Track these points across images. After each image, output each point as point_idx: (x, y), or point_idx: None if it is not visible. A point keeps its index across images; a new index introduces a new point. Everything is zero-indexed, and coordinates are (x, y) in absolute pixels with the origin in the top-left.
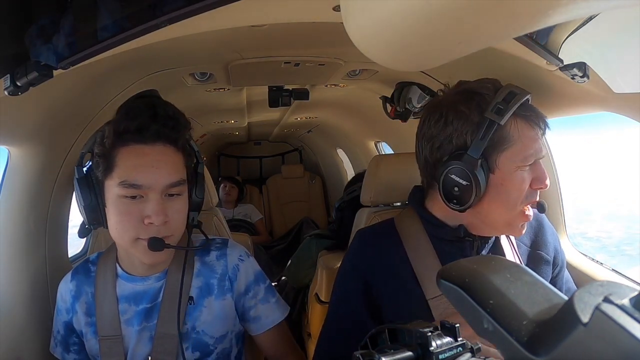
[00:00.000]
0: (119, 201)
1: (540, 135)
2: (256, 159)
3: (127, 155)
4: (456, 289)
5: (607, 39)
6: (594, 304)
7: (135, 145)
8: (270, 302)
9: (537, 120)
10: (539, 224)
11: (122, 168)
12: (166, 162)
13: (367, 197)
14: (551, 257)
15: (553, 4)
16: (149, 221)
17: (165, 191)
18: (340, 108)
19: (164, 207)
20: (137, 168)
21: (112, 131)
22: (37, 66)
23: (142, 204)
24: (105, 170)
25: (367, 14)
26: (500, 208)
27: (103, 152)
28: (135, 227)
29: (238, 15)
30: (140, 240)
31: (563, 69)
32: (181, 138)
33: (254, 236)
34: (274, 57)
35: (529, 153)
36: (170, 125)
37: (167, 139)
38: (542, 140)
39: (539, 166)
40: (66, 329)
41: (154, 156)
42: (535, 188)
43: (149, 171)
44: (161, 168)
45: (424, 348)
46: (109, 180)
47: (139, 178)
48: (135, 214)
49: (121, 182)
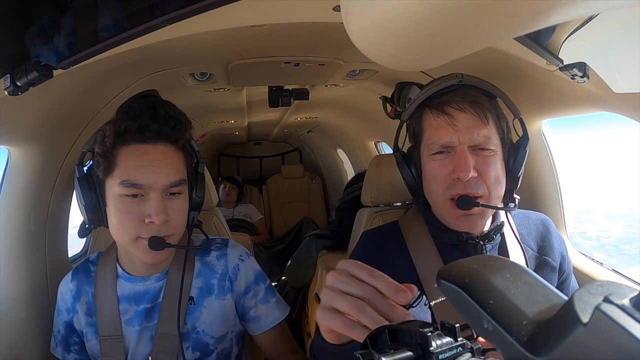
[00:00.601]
0: (119, 200)
1: (451, 122)
2: (256, 159)
3: (128, 155)
4: (456, 289)
5: (607, 39)
6: (594, 304)
7: (136, 145)
8: (270, 302)
9: (442, 108)
10: (545, 229)
11: (123, 167)
12: (167, 161)
13: (367, 197)
14: (557, 264)
15: (553, 4)
16: (150, 220)
17: (166, 190)
18: (340, 108)
19: (165, 206)
20: (138, 168)
21: (113, 130)
22: (37, 66)
23: (142, 203)
24: (105, 170)
25: (367, 14)
26: (430, 199)
27: (104, 151)
28: (135, 226)
29: (238, 15)
30: (141, 239)
31: (563, 69)
32: (182, 138)
33: (254, 236)
34: (274, 57)
35: (432, 141)
36: (171, 124)
37: (168, 139)
38: (462, 127)
39: (457, 156)
40: (67, 328)
41: (155, 156)
42: (452, 178)
43: (150, 171)
44: (162, 167)
45: (424, 348)
46: (110, 180)
47: (139, 178)
48: (136, 213)
49: (122, 182)
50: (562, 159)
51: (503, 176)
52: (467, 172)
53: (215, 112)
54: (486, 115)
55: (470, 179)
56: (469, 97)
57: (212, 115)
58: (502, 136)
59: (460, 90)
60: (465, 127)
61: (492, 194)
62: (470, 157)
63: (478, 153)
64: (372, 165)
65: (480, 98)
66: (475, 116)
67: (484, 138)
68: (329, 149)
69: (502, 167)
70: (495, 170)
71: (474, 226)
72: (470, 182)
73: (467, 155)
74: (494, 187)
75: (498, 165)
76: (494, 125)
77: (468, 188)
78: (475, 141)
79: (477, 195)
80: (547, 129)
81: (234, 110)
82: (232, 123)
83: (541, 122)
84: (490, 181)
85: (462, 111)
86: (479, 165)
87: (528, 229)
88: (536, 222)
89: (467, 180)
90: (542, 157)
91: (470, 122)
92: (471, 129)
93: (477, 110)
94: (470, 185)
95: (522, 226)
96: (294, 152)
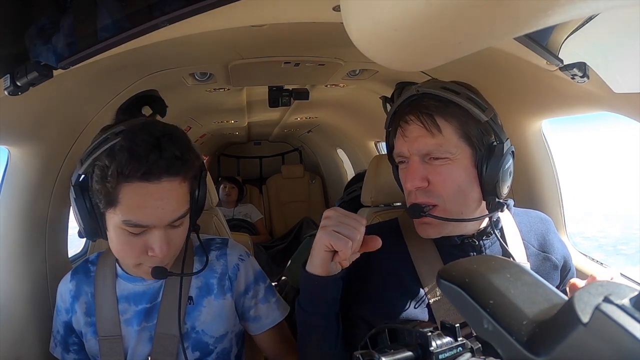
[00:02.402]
0: (121, 232)
1: (402, 133)
2: (256, 159)
3: (131, 195)
4: (456, 289)
5: (607, 39)
6: (594, 304)
7: (139, 184)
8: (270, 302)
9: (398, 121)
10: (546, 227)
11: (125, 206)
12: (171, 197)
13: (367, 197)
14: (560, 263)
15: (553, 4)
16: (153, 253)
17: (169, 224)
18: (340, 108)
19: (168, 238)
20: (141, 209)
21: (116, 173)
22: (37, 66)
23: (145, 236)
24: (106, 204)
25: (367, 14)
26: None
27: (104, 190)
28: (137, 255)
29: (238, 15)
30: (143, 265)
31: (563, 69)
32: (189, 173)
33: (254, 236)
34: (274, 57)
35: (395, 152)
36: (178, 165)
37: (174, 174)
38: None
39: (407, 166)
40: (66, 329)
41: (160, 194)
42: (407, 187)
43: (154, 212)
44: (166, 207)
45: (424, 348)
46: (111, 213)
47: (143, 219)
48: (139, 245)
49: (124, 221)
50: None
51: (471, 183)
52: (412, 182)
53: (215, 112)
54: (436, 123)
55: (418, 188)
56: (419, 108)
57: (212, 115)
58: (471, 141)
59: (416, 101)
60: (413, 138)
61: (450, 203)
62: (421, 167)
63: (431, 162)
64: (372, 165)
65: (432, 106)
66: (421, 126)
67: (433, 147)
68: (329, 149)
69: (470, 173)
70: (453, 179)
71: (432, 234)
72: (420, 192)
73: (414, 165)
74: (451, 195)
75: (458, 172)
76: (453, 131)
77: (418, 197)
78: (423, 151)
79: (428, 204)
80: (547, 129)
81: (234, 110)
82: (232, 123)
83: (541, 122)
84: (445, 190)
85: (409, 123)
86: (431, 174)
87: (529, 226)
88: (536, 219)
89: (416, 189)
90: (542, 157)
91: (417, 133)
92: (418, 139)
93: (424, 120)
94: (419, 194)
95: (523, 223)
96: (294, 152)
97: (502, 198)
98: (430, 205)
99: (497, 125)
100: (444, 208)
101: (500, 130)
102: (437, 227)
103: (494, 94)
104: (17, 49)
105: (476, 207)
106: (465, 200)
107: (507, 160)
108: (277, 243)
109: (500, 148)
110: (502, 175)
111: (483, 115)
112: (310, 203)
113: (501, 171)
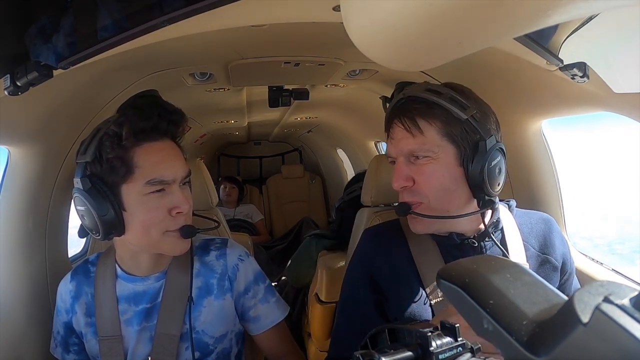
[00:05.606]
0: (146, 199)
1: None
2: (256, 159)
3: (146, 155)
4: (456, 289)
5: (607, 39)
6: (594, 304)
7: (149, 144)
8: (270, 302)
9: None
10: (548, 228)
11: (144, 167)
12: (176, 154)
13: (367, 197)
14: (559, 263)
15: (553, 4)
16: (178, 211)
17: (182, 181)
18: (340, 108)
19: (186, 195)
20: (159, 164)
21: (131, 132)
22: (37, 66)
23: (166, 197)
24: (125, 174)
25: (367, 14)
26: None
27: (121, 155)
28: (164, 219)
29: (238, 15)
30: (169, 232)
31: (563, 69)
32: (180, 133)
33: (254, 236)
34: (274, 57)
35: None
36: (175, 120)
37: (171, 135)
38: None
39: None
40: (66, 329)
41: (168, 151)
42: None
43: (170, 165)
44: (176, 161)
45: (424, 348)
46: (129, 183)
47: (165, 173)
48: (162, 207)
49: (148, 181)
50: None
51: (456, 181)
52: (397, 182)
53: (215, 112)
54: (418, 125)
55: (404, 188)
56: (402, 112)
57: (212, 115)
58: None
59: (402, 105)
60: (397, 140)
61: (434, 201)
62: (406, 168)
63: (415, 162)
64: (372, 165)
65: (414, 109)
66: (402, 128)
67: (415, 146)
68: (328, 149)
69: (454, 171)
70: (437, 177)
71: (420, 229)
72: (407, 191)
73: (400, 166)
74: (435, 193)
75: (441, 171)
76: (435, 132)
77: (404, 196)
78: (406, 151)
79: (414, 203)
80: (547, 129)
81: (234, 110)
82: (232, 123)
83: (541, 122)
84: (429, 189)
85: (393, 126)
86: (416, 174)
87: (530, 228)
88: (538, 221)
89: (402, 188)
90: (542, 157)
91: (400, 135)
92: (401, 140)
93: (405, 122)
94: (406, 194)
95: (524, 224)
96: (294, 152)
97: (492, 195)
98: (417, 203)
99: (479, 123)
100: (429, 206)
101: (483, 128)
102: (425, 223)
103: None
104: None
105: (464, 205)
106: (449, 198)
107: (493, 157)
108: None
109: (483, 145)
110: (489, 172)
111: (462, 114)
112: (310, 203)
113: (487, 168)
